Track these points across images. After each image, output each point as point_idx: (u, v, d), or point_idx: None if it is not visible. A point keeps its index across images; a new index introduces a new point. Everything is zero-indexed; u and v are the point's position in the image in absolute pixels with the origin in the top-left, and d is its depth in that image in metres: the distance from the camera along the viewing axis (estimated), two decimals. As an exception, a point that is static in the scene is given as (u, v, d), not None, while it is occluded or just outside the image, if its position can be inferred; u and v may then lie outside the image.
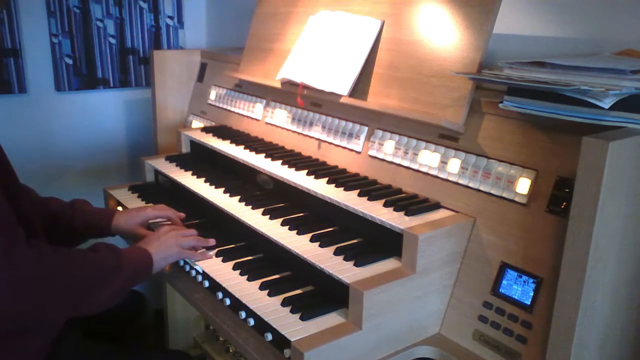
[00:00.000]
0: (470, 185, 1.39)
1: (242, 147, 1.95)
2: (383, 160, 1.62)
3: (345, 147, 1.74)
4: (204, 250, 1.59)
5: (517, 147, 1.32)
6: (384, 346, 1.28)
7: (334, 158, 1.77)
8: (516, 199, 1.29)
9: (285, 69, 1.87)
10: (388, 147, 1.60)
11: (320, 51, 1.78)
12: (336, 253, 1.38)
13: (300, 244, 1.43)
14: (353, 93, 1.69)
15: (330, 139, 1.79)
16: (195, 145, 2.18)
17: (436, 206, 1.43)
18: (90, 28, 2.65)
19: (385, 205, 1.43)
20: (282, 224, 1.54)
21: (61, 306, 1.25)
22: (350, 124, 1.74)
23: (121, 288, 1.35)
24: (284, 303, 1.34)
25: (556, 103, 1.16)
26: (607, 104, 1.09)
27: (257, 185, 1.84)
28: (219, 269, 1.52)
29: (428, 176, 1.49)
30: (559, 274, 1.10)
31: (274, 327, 1.25)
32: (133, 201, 2.00)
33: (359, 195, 1.51)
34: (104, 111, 2.79)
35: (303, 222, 1.54)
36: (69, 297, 1.25)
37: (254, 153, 1.88)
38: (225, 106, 2.33)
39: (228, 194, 1.76)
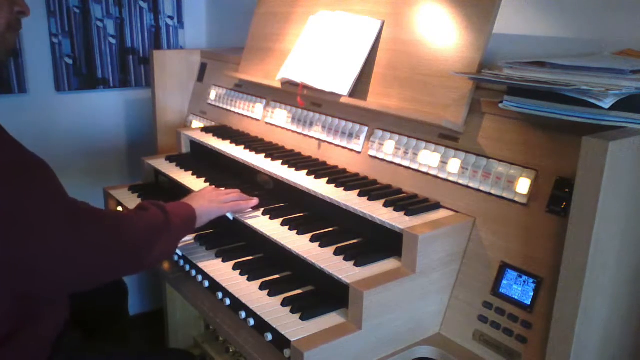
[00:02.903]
0: (470, 185, 1.39)
1: (242, 147, 1.95)
2: (383, 160, 1.62)
3: (345, 147, 1.74)
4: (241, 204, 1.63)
5: (517, 147, 1.32)
6: (384, 346, 1.28)
7: (334, 158, 1.77)
8: (516, 199, 1.29)
9: (285, 69, 1.87)
10: (388, 147, 1.60)
11: (320, 51, 1.78)
12: (336, 253, 1.38)
13: (300, 244, 1.43)
14: (353, 93, 1.69)
15: (330, 139, 1.79)
16: (195, 145, 2.19)
17: (436, 206, 1.43)
18: (90, 28, 2.65)
19: (385, 205, 1.43)
20: (282, 224, 1.54)
21: (119, 265, 1.30)
22: (350, 124, 1.74)
23: (169, 244, 1.41)
24: (284, 303, 1.34)
25: (556, 103, 1.16)
26: (607, 104, 1.08)
27: (257, 185, 1.84)
28: (219, 269, 1.52)
29: (428, 176, 1.49)
30: (559, 274, 1.10)
31: (274, 327, 1.25)
32: (133, 201, 2.00)
33: (359, 195, 1.51)
34: (104, 111, 2.79)
35: (303, 222, 1.54)
36: (126, 256, 1.30)
37: (254, 153, 1.88)
38: (225, 106, 2.34)
39: (228, 194, 1.76)
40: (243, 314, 1.35)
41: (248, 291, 1.41)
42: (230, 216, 1.60)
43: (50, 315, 1.31)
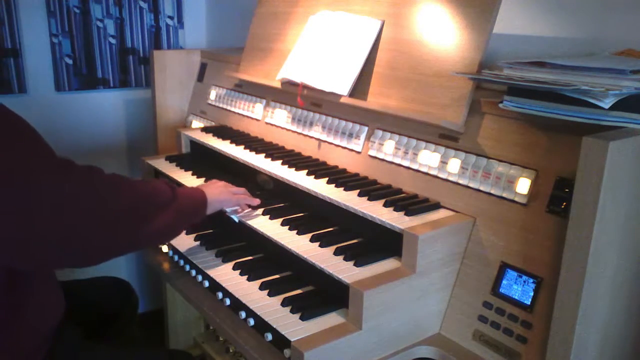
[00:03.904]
0: (470, 185, 1.39)
1: (242, 147, 1.95)
2: (383, 160, 1.62)
3: (345, 147, 1.74)
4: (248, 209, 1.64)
5: (517, 147, 1.32)
6: (384, 346, 1.28)
7: (334, 158, 1.77)
8: (516, 199, 1.29)
9: (286, 68, 1.87)
10: (388, 147, 1.60)
11: (321, 51, 1.78)
12: (336, 253, 1.38)
13: (300, 244, 1.43)
14: (353, 93, 1.69)
15: (330, 139, 1.79)
16: (195, 145, 2.19)
17: (436, 206, 1.43)
18: (90, 28, 2.65)
19: (385, 205, 1.43)
20: (282, 224, 1.54)
21: (115, 229, 1.22)
22: (350, 124, 1.74)
23: (174, 222, 1.35)
24: (284, 303, 1.34)
25: (556, 103, 1.16)
26: (607, 104, 1.08)
27: (257, 185, 1.84)
28: (219, 269, 1.52)
29: (428, 176, 1.49)
30: (559, 274, 1.10)
31: (274, 327, 1.25)
32: (133, 201, 2.00)
33: (359, 195, 1.51)
34: (104, 111, 2.79)
35: (303, 222, 1.54)
36: (123, 219, 1.23)
37: (254, 153, 1.88)
38: (225, 106, 2.34)
39: (228, 194, 1.75)
40: (243, 314, 1.35)
41: (248, 291, 1.41)
42: (235, 219, 1.60)
43: (41, 306, 1.29)
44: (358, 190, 1.53)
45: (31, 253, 1.14)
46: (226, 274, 1.50)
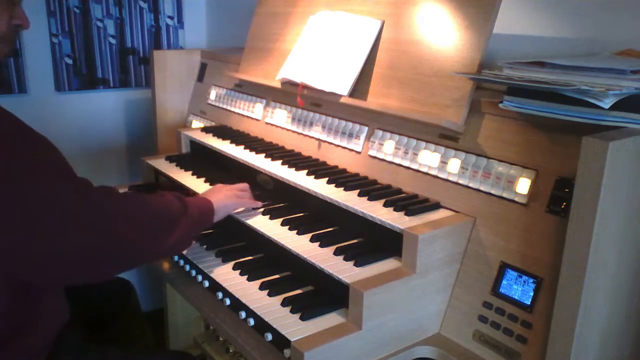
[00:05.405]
0: (470, 185, 1.39)
1: (242, 147, 1.95)
2: (383, 160, 1.62)
3: (345, 147, 1.74)
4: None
5: (517, 147, 1.32)
6: (384, 346, 1.28)
7: (334, 158, 1.77)
8: (516, 199, 1.29)
9: (285, 68, 1.87)
10: (388, 147, 1.60)
11: (321, 51, 1.78)
12: (336, 253, 1.38)
13: (300, 244, 1.43)
14: (353, 93, 1.69)
15: (330, 139, 1.79)
16: (195, 145, 2.19)
17: (436, 206, 1.43)
18: (90, 28, 2.65)
19: (385, 205, 1.43)
20: (282, 224, 1.54)
21: (137, 245, 1.28)
22: (350, 124, 1.74)
23: (187, 232, 1.39)
24: (284, 303, 1.34)
25: (556, 103, 1.16)
26: (607, 104, 1.09)
27: (257, 185, 1.84)
28: (219, 269, 1.52)
29: (428, 176, 1.49)
30: (559, 274, 1.10)
31: (274, 327, 1.25)
32: (133, 201, 2.00)
33: (359, 195, 1.51)
34: (104, 111, 2.79)
35: (303, 222, 1.54)
36: (144, 235, 1.28)
37: (254, 153, 1.88)
38: (225, 106, 2.34)
39: (228, 194, 1.75)
40: (243, 314, 1.35)
41: (248, 291, 1.41)
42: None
43: (47, 315, 1.30)
44: (358, 190, 1.53)
45: (48, 269, 1.17)
46: (226, 274, 1.50)
